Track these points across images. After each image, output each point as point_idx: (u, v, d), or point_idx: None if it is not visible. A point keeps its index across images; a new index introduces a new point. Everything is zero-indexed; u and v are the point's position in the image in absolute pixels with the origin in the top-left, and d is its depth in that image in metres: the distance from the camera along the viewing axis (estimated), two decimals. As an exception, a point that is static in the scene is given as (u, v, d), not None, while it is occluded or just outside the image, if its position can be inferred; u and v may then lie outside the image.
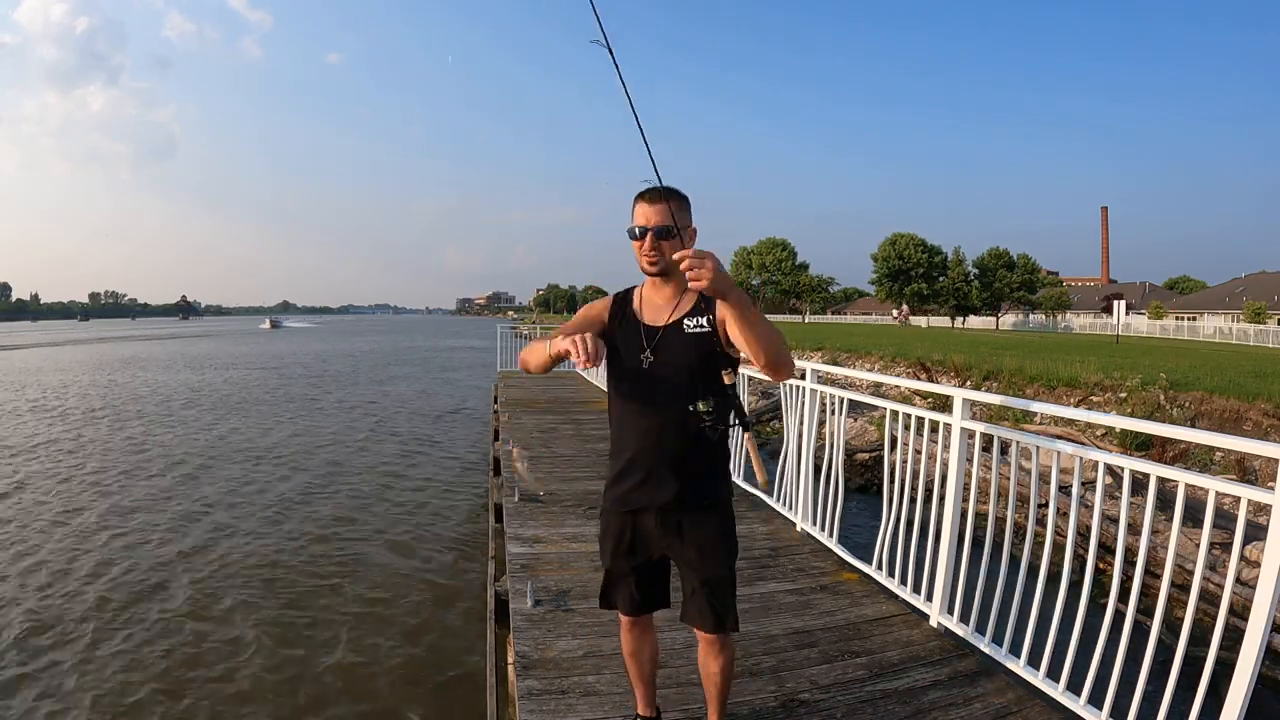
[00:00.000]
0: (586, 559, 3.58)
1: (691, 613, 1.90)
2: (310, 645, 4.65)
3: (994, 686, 2.43)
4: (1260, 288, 49.81)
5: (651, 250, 1.78)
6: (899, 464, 3.26)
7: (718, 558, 1.87)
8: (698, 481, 1.84)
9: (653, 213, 1.76)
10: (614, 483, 1.90)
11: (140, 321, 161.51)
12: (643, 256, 1.81)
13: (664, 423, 1.80)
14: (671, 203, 1.76)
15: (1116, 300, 33.09)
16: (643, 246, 1.79)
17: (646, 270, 1.83)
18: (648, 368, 1.81)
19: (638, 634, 2.03)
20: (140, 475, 9.36)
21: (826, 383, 4.06)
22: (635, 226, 1.79)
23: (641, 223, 1.78)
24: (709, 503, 1.87)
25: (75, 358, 34.08)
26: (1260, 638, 1.72)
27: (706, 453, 1.83)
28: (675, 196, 1.79)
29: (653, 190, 1.78)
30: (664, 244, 1.77)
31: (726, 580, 1.89)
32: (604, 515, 1.95)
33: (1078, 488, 2.37)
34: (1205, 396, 9.92)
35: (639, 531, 1.88)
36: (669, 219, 1.76)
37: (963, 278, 60.51)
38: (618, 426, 1.91)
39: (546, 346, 1.73)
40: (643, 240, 1.78)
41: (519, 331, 18.35)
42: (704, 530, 1.87)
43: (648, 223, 1.77)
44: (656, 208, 1.76)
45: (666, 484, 1.81)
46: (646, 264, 1.81)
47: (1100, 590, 2.27)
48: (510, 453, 5.21)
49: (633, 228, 1.80)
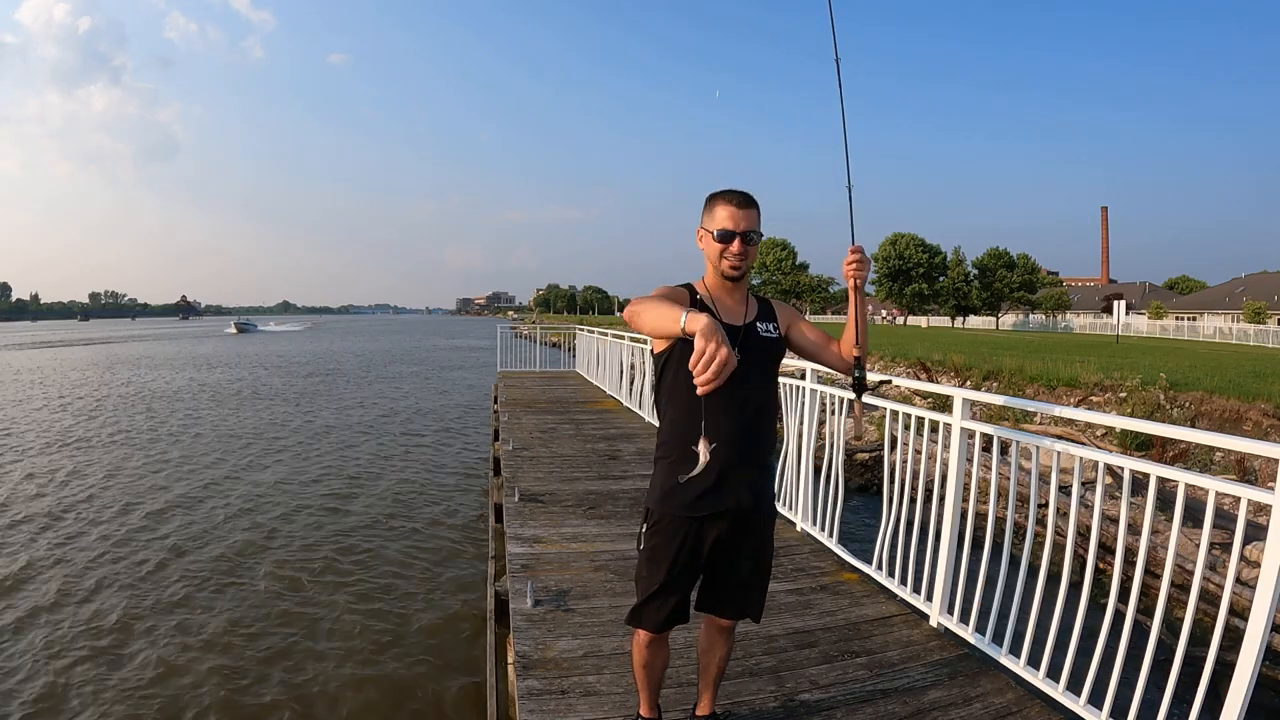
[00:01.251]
0: (586, 559, 3.58)
1: (724, 605, 1.91)
2: (309, 645, 4.65)
3: (994, 686, 2.43)
4: (1260, 288, 49.84)
5: (742, 257, 1.75)
6: (899, 464, 3.26)
7: (769, 560, 1.93)
8: (769, 485, 1.89)
9: (743, 217, 1.73)
10: (679, 489, 1.71)
11: (140, 321, 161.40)
12: (729, 260, 1.75)
13: (746, 425, 1.76)
14: (758, 209, 1.75)
15: (1116, 300, 33.10)
16: (731, 249, 1.74)
17: (729, 274, 1.78)
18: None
19: (655, 648, 1.94)
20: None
21: (826, 383, 4.06)
22: (723, 229, 1.74)
23: (732, 226, 1.73)
24: (771, 507, 1.91)
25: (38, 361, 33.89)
26: (1260, 638, 1.72)
27: (772, 457, 1.87)
28: (758, 205, 1.77)
29: (742, 194, 1.73)
30: (752, 250, 1.76)
31: (768, 577, 1.95)
32: (662, 525, 1.80)
33: (1078, 488, 2.37)
34: (1205, 396, 9.93)
35: (701, 540, 1.79)
36: (758, 225, 1.75)
37: (963, 278, 60.55)
38: (683, 428, 1.72)
39: (682, 317, 1.41)
40: (731, 244, 1.74)
41: (519, 332, 18.34)
42: (765, 532, 1.91)
43: (738, 227, 1.73)
44: (747, 212, 1.73)
45: (744, 487, 1.77)
46: (730, 268, 1.76)
47: (1100, 590, 2.27)
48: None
49: (723, 230, 1.74)
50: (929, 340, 25.31)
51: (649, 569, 1.83)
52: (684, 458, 1.66)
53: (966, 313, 62.04)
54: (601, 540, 3.86)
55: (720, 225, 1.74)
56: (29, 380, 22.50)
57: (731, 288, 1.82)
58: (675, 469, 1.71)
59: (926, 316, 65.86)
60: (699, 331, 1.29)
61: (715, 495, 1.75)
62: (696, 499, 1.75)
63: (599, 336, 11.62)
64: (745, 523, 1.82)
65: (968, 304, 60.90)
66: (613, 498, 4.80)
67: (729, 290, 1.83)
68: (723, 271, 1.78)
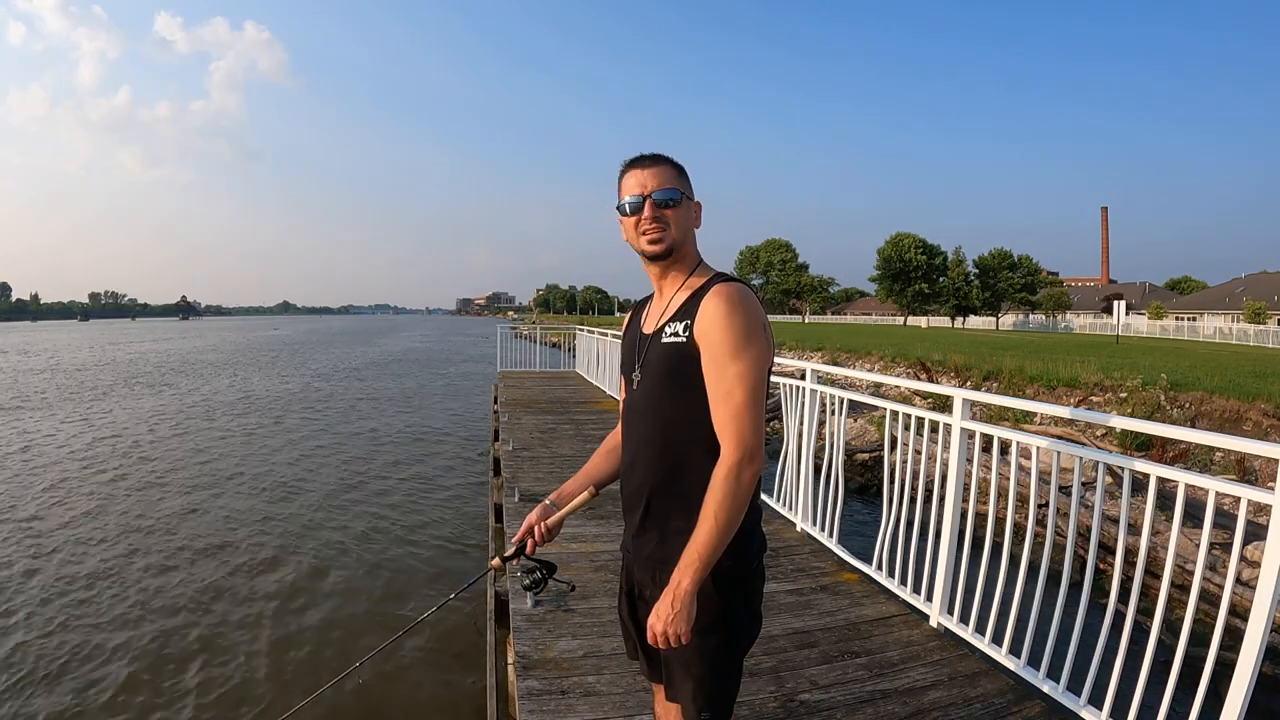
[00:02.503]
0: (586, 559, 3.58)
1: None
2: (309, 644, 4.65)
3: (994, 686, 2.43)
4: (1260, 288, 49.84)
5: (653, 222, 1.35)
6: (899, 464, 3.26)
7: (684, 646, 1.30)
8: (655, 545, 1.41)
9: (649, 176, 1.36)
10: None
11: (141, 322, 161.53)
12: (642, 233, 1.37)
13: (627, 463, 1.49)
14: (669, 165, 1.38)
15: (1116, 300, 33.08)
16: (640, 220, 1.36)
17: (648, 250, 1.38)
18: (635, 387, 1.43)
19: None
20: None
21: (826, 383, 4.06)
22: (627, 199, 1.38)
23: (638, 191, 1.36)
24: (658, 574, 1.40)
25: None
26: (1260, 638, 1.72)
27: (671, 510, 1.39)
28: (671, 161, 1.39)
29: (644, 155, 1.39)
30: (669, 213, 1.36)
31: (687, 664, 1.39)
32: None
33: (1078, 488, 2.37)
34: (1205, 397, 9.93)
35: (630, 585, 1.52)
36: (670, 181, 1.36)
37: (963, 278, 60.57)
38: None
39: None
40: (638, 213, 1.36)
41: (519, 332, 18.33)
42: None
43: (644, 189, 1.36)
44: (653, 170, 1.36)
45: (629, 536, 1.49)
46: (648, 242, 1.37)
47: (1100, 590, 2.27)
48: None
49: (623, 202, 1.39)
50: (929, 340, 25.32)
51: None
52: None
53: (967, 313, 62.06)
54: (601, 540, 3.86)
55: (622, 197, 1.39)
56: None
57: (665, 277, 1.41)
58: None
59: (927, 317, 65.89)
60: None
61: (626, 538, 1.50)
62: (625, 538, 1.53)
63: (599, 337, 11.61)
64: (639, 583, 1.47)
65: (968, 304, 60.92)
66: (613, 498, 4.76)
67: (664, 281, 1.42)
68: (643, 251, 1.39)
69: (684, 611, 1.25)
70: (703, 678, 1.36)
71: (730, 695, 1.43)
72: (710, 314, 1.30)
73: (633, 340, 1.48)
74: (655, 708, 1.61)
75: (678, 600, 1.25)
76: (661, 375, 1.37)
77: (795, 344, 23.88)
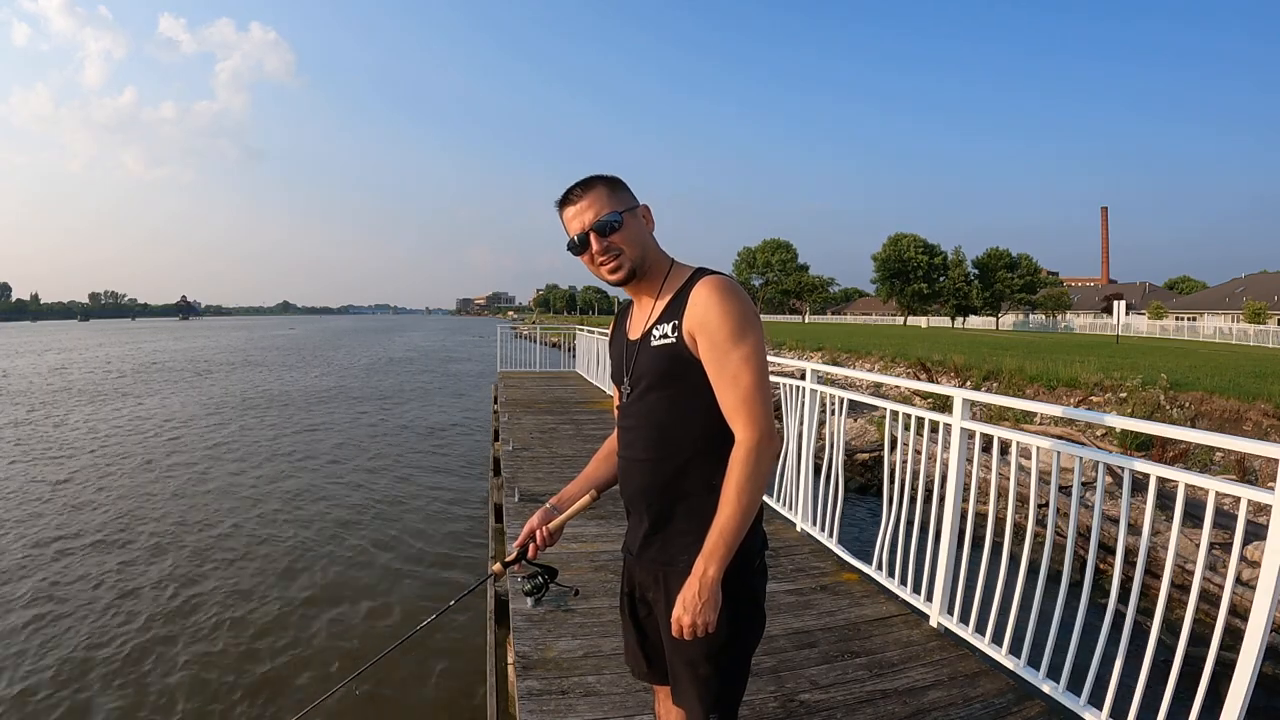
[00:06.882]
0: (586, 559, 3.58)
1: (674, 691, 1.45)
2: (308, 644, 4.65)
3: (994, 686, 2.42)
4: (1260, 288, 49.85)
5: (604, 253, 1.35)
6: (899, 464, 3.26)
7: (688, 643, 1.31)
8: (656, 537, 1.41)
9: (583, 209, 1.34)
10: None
11: (141, 322, 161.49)
12: (600, 265, 1.37)
13: (625, 462, 1.47)
14: (599, 187, 1.35)
15: (1116, 300, 33.07)
16: (592, 255, 1.36)
17: (611, 279, 1.38)
18: (628, 394, 1.43)
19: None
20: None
21: (826, 383, 4.06)
22: (573, 238, 1.37)
23: (578, 228, 1.35)
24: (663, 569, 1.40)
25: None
26: (1260, 638, 1.72)
27: (674, 502, 1.40)
28: (601, 179, 1.37)
29: (571, 187, 1.37)
30: (616, 238, 1.34)
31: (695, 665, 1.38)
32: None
33: (1078, 488, 2.37)
34: (1205, 397, 9.92)
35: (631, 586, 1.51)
36: (606, 205, 1.34)
37: (963, 278, 60.57)
38: None
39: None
40: (587, 249, 1.35)
41: (519, 332, 18.33)
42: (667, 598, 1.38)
43: (584, 224, 1.34)
44: (585, 201, 1.34)
45: (631, 534, 1.49)
46: (608, 273, 1.36)
47: (1100, 590, 2.27)
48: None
49: (571, 241, 1.38)
50: (929, 340, 25.31)
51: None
52: None
53: (967, 313, 62.05)
54: (601, 540, 3.86)
55: (570, 234, 1.38)
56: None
57: (641, 289, 1.42)
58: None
59: (926, 317, 65.89)
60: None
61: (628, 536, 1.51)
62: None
63: (599, 336, 11.62)
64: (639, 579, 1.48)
65: (968, 304, 60.91)
66: (613, 498, 4.79)
67: (641, 294, 1.43)
68: (608, 281, 1.39)
69: (711, 600, 1.23)
70: (709, 679, 1.35)
71: (737, 696, 1.42)
72: (704, 303, 1.29)
73: (620, 348, 1.48)
74: (656, 708, 1.62)
75: (705, 589, 1.23)
76: (654, 379, 1.36)
77: (795, 344, 23.88)
